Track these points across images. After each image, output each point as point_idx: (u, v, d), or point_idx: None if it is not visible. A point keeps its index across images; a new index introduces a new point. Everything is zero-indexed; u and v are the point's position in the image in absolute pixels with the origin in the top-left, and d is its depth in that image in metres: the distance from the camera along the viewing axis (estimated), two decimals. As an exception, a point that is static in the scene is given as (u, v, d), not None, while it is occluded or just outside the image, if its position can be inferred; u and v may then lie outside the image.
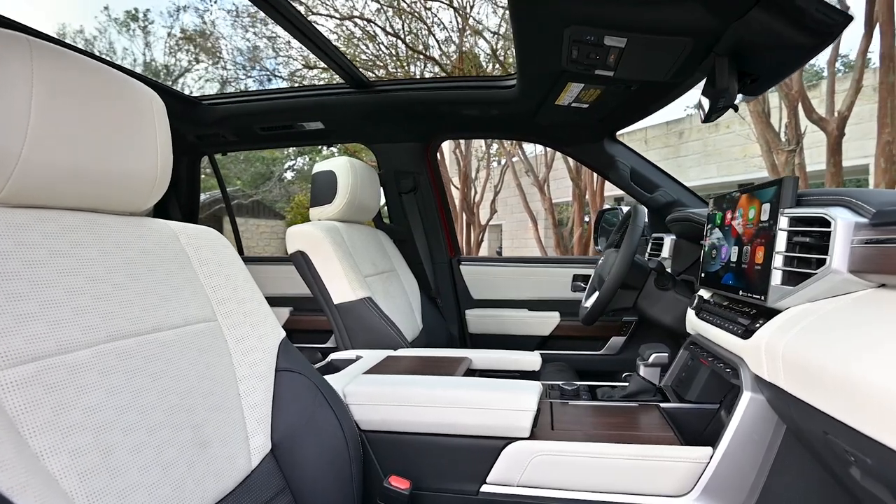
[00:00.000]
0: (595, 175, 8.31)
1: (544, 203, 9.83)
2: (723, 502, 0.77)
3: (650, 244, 1.80)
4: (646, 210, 1.36)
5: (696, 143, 9.61)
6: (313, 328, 2.14)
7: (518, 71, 1.29)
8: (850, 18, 0.81)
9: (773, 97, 4.82)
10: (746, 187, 0.92)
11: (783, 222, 0.76)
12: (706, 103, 1.05)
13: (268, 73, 9.57)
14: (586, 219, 9.35)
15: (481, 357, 1.24)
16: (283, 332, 0.89)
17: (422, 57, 8.51)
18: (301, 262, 1.44)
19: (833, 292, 0.68)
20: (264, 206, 14.63)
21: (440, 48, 8.65)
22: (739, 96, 1.04)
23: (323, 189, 1.55)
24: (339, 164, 1.56)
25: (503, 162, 11.81)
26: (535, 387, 0.90)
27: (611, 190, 8.62)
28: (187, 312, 0.72)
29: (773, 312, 0.77)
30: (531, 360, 1.25)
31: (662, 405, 1.01)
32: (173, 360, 0.66)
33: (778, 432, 0.76)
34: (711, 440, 0.89)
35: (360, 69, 1.61)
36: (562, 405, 1.02)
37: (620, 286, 1.29)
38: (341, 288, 1.41)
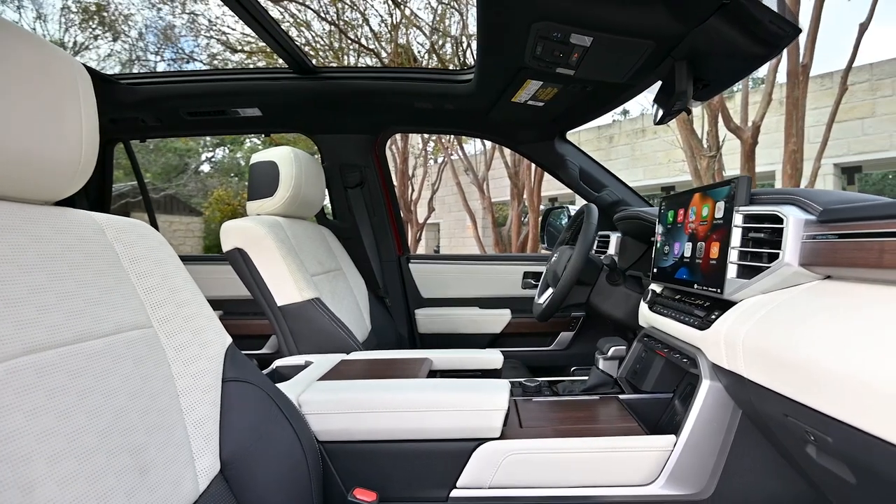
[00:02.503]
0: (533, 175, 8.59)
1: (484, 202, 10.01)
2: (686, 487, 0.81)
3: (596, 241, 1.87)
4: (597, 208, 1.41)
5: (624, 147, 10.25)
6: (247, 333, 2.01)
7: (477, 65, 1.28)
8: (799, 31, 0.89)
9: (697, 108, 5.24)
10: (699, 187, 0.98)
11: (738, 219, 0.81)
12: (661, 106, 1.11)
13: (185, 55, 8.92)
14: (524, 218, 9.65)
15: (441, 357, 1.22)
16: (228, 338, 0.81)
17: (356, 47, 8.34)
18: (239, 260, 1.34)
19: (784, 284, 0.73)
20: (178, 201, 13.61)
21: (376, 40, 8.53)
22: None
23: (263, 181, 1.46)
24: (282, 154, 1.47)
25: (441, 160, 11.88)
26: (503, 385, 0.89)
27: (546, 190, 8.97)
28: (118, 318, 0.63)
29: (729, 304, 0.83)
30: (493, 358, 1.25)
31: (621, 396, 1.05)
32: (104, 374, 0.58)
33: (734, 417, 0.81)
34: (668, 428, 0.94)
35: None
36: (525, 402, 1.02)
37: (575, 282, 1.33)
38: (286, 288, 1.33)
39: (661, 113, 1.16)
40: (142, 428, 0.61)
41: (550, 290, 1.53)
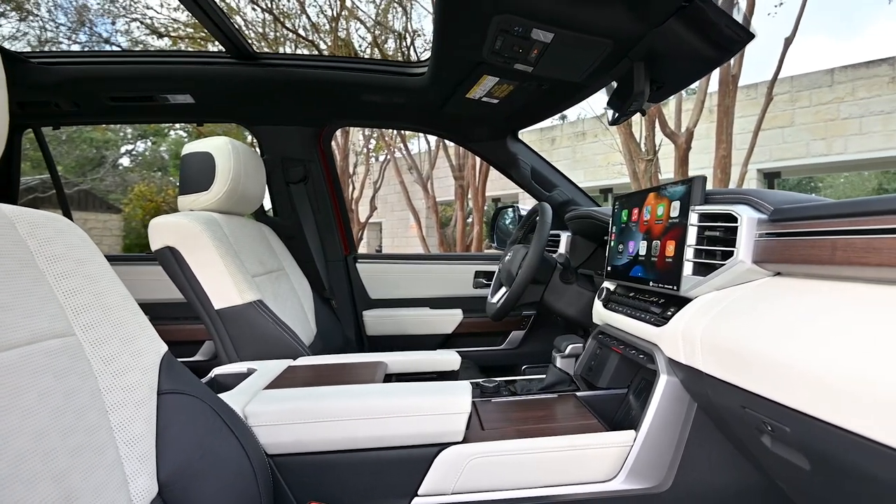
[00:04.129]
0: (477, 174, 8.71)
1: (428, 201, 10.01)
2: (646, 481, 0.84)
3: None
4: (551, 208, 1.44)
5: (566, 149, 10.64)
6: (178, 339, 1.87)
7: (433, 58, 1.27)
8: (752, 36, 0.95)
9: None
10: (653, 187, 1.02)
11: (694, 218, 0.85)
12: (615, 107, 1.14)
13: (101, 38, 8.20)
14: (469, 218, 9.76)
15: (396, 360, 1.20)
16: (164, 346, 0.75)
17: (293, 37, 8.08)
18: (170, 260, 1.23)
19: (737, 281, 0.78)
20: (94, 197, 12.52)
21: (315, 31, 8.31)
22: (644, 101, 1.15)
23: (197, 174, 1.36)
24: (218, 145, 1.37)
25: (384, 157, 11.77)
26: (465, 387, 0.88)
27: (488, 191, 9.13)
28: (34, 326, 0.56)
29: (684, 301, 0.86)
30: (449, 359, 1.23)
31: (578, 394, 1.07)
32: (19, 390, 0.50)
33: (690, 411, 0.85)
34: (624, 422, 0.97)
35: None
36: (485, 403, 1.02)
37: (530, 281, 1.34)
38: (224, 290, 1.24)
39: (615, 114, 1.20)
40: (65, 451, 0.54)
41: (504, 290, 1.54)
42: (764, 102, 4.98)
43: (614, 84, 1.26)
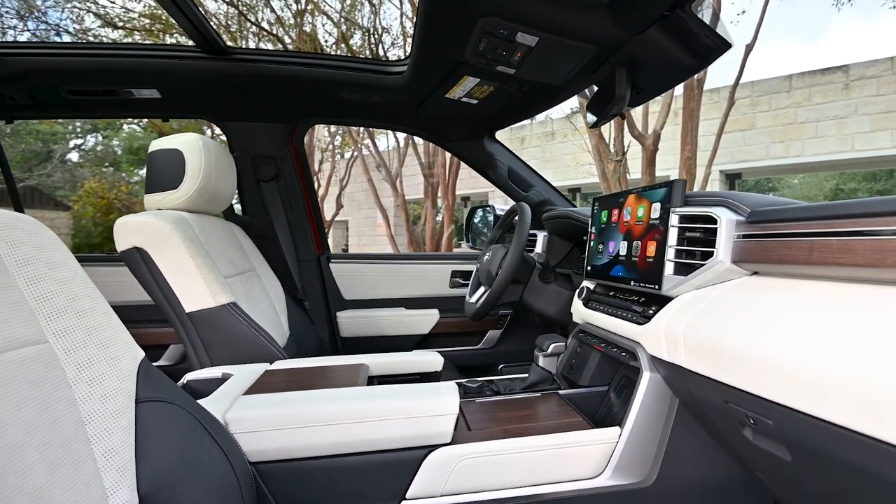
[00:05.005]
0: (447, 172, 8.73)
1: (396, 199, 9.96)
2: (631, 476, 0.86)
3: None
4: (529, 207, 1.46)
5: (535, 149, 10.80)
6: (140, 344, 1.79)
7: (413, 57, 1.26)
8: (729, 46, 0.99)
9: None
10: (633, 189, 1.05)
11: (674, 219, 0.88)
12: (594, 111, 1.17)
13: (50, 27, 7.74)
14: (438, 217, 9.77)
15: (377, 362, 1.19)
16: (140, 352, 0.72)
17: (256, 30, 7.89)
18: (138, 261, 1.19)
19: (716, 280, 0.81)
20: (41, 193, 11.86)
21: (280, 25, 8.14)
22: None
23: (165, 171, 1.31)
24: (189, 141, 1.33)
25: (351, 154, 11.64)
26: (452, 388, 0.89)
27: (457, 189, 9.17)
28: (6, 334, 0.53)
29: (665, 300, 0.90)
30: (432, 360, 1.24)
31: (560, 392, 1.09)
32: (-8, 402, 0.48)
33: (672, 406, 0.88)
34: (606, 419, 1.00)
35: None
36: (469, 404, 1.03)
37: (511, 281, 1.36)
38: (196, 292, 1.21)
39: (595, 117, 1.24)
40: (42, 465, 0.51)
41: (483, 289, 1.56)
42: (726, 106, 5.21)
43: (594, 87, 1.29)
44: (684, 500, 0.89)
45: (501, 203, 2.11)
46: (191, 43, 1.43)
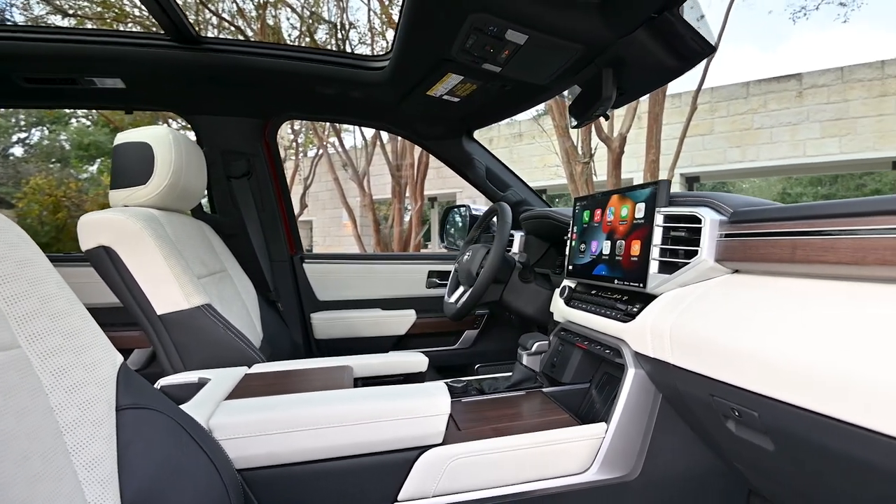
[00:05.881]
0: (416, 172, 8.71)
1: (363, 199, 9.86)
2: (617, 470, 0.89)
3: None
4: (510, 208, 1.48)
5: (503, 150, 10.90)
6: None
7: (396, 52, 1.25)
8: (714, 49, 1.03)
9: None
10: (616, 189, 1.08)
11: (659, 219, 0.91)
12: (577, 111, 1.20)
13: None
14: (406, 217, 9.73)
15: (361, 363, 1.17)
16: (119, 357, 0.69)
17: (217, 21, 7.66)
18: (104, 261, 1.13)
19: (700, 278, 0.84)
20: (-21, 190, 11.11)
21: (240, 16, 7.93)
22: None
23: (133, 166, 1.25)
24: (158, 134, 1.28)
25: (316, 152, 11.45)
26: (442, 388, 0.89)
27: (426, 189, 9.17)
28: None
29: (649, 297, 0.93)
30: (416, 360, 1.23)
31: (544, 390, 1.11)
32: (-33, 412, 0.45)
33: (656, 401, 0.91)
34: (589, 415, 1.03)
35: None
36: (455, 404, 1.03)
37: (492, 281, 1.37)
38: (169, 294, 1.16)
39: (579, 117, 1.26)
40: (22, 480, 0.48)
41: (463, 289, 1.56)
42: (689, 112, 5.43)
43: (575, 88, 1.31)
44: (667, 491, 0.92)
45: (470, 203, 2.12)
46: (160, 31, 1.37)
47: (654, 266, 0.91)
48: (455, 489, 0.83)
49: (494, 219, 1.71)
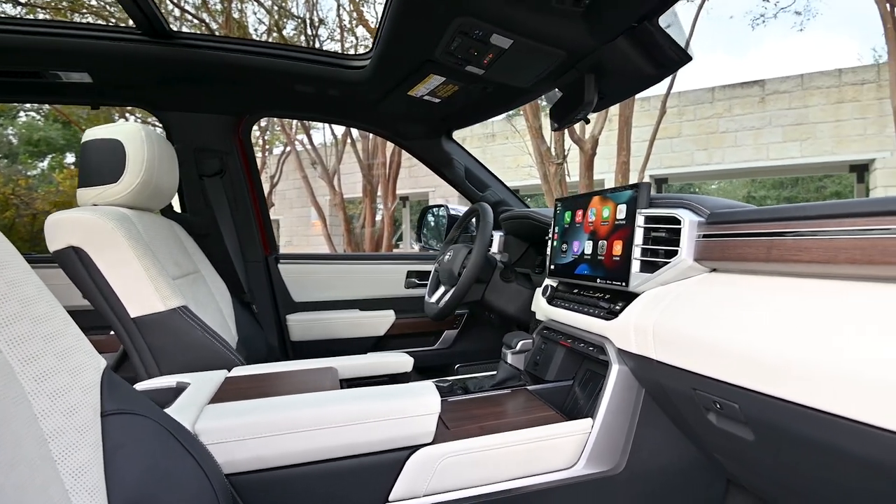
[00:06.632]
0: (388, 171, 8.68)
1: (334, 198, 9.75)
2: (603, 464, 0.92)
3: None
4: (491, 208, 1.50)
5: (476, 150, 10.96)
6: None
7: (378, 52, 1.25)
8: (690, 59, 1.08)
9: (547, 118, 5.93)
10: (598, 191, 1.12)
11: (640, 220, 0.95)
12: (558, 114, 1.23)
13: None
14: (378, 216, 9.68)
15: (345, 364, 1.17)
16: (102, 361, 0.68)
17: (179, 13, 7.45)
18: (74, 262, 1.10)
19: (679, 277, 0.89)
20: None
21: (205, 9, 7.74)
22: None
23: (103, 164, 1.22)
24: (129, 131, 1.24)
25: (283, 150, 11.27)
26: (431, 387, 0.90)
27: (398, 189, 9.15)
28: None
29: (631, 296, 0.96)
30: (402, 361, 1.24)
31: (529, 388, 1.14)
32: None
33: (639, 396, 0.95)
34: (573, 412, 1.06)
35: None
36: (442, 403, 1.04)
37: (475, 280, 1.40)
38: (143, 296, 1.13)
39: (558, 120, 1.30)
40: (10, 489, 0.47)
41: (444, 289, 1.58)
42: (658, 115, 5.61)
43: (556, 91, 1.35)
44: (650, 483, 0.96)
45: (445, 203, 2.14)
46: (130, 24, 1.33)
47: (636, 265, 0.95)
48: (446, 487, 0.84)
49: (473, 219, 1.74)
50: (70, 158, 12.50)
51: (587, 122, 1.29)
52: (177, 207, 1.83)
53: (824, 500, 0.71)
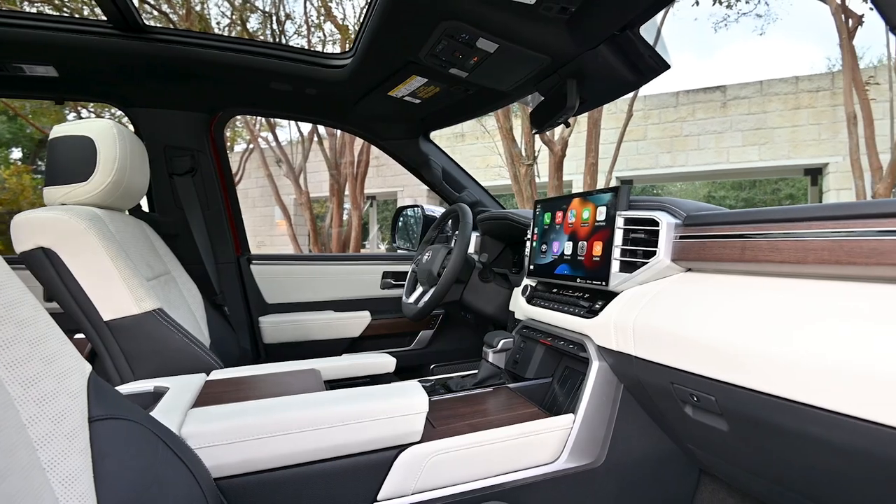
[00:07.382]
0: (356, 171, 8.60)
1: (300, 197, 9.59)
2: (585, 458, 0.96)
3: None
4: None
5: (446, 150, 11.02)
6: None
7: (360, 51, 1.26)
8: (668, 67, 1.13)
9: (517, 120, 6.03)
10: (577, 193, 1.16)
11: (620, 222, 1.00)
12: (539, 117, 1.27)
13: None
14: (345, 216, 9.58)
15: (328, 366, 1.18)
16: (88, 365, 0.66)
17: (138, 5, 7.18)
18: (44, 263, 1.06)
19: (657, 276, 0.93)
20: None
21: (167, 2, 7.49)
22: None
23: (73, 162, 1.18)
24: (100, 127, 1.21)
25: (246, 147, 11.01)
26: (418, 387, 0.92)
27: (365, 188, 9.09)
28: None
29: (610, 295, 1.01)
30: (384, 361, 1.25)
31: (510, 385, 1.17)
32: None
33: (618, 391, 0.99)
34: (553, 408, 1.10)
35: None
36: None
37: (455, 281, 1.42)
38: (117, 298, 1.10)
39: (540, 123, 1.33)
40: (3, 498, 0.46)
41: (422, 289, 1.60)
42: (626, 118, 5.77)
43: (537, 95, 1.39)
44: (629, 474, 1.01)
45: (410, 203, 2.16)
46: (100, 17, 1.29)
47: (615, 265, 0.99)
48: (434, 485, 0.86)
49: (450, 220, 1.76)
50: (16, 154, 11.86)
51: (568, 125, 1.34)
52: (145, 207, 1.78)
53: (792, 482, 0.76)
